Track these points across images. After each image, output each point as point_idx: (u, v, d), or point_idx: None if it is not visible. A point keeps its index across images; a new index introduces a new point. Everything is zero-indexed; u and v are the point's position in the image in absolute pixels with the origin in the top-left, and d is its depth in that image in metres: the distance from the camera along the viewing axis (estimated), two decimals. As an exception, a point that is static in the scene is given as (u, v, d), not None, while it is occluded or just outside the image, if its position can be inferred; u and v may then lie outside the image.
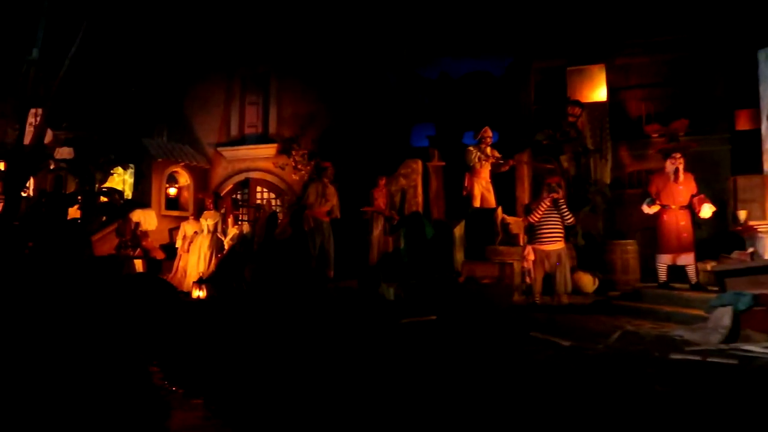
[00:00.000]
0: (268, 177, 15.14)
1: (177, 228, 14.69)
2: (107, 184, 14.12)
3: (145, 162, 14.50)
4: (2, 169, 17.04)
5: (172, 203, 15.13)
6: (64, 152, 15.94)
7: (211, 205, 11.82)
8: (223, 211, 11.94)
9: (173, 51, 15.80)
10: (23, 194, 16.23)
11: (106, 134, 15.32)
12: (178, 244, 12.57)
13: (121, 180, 15.80)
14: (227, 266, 10.96)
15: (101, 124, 15.55)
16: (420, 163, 12.28)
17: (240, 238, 11.35)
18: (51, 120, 10.39)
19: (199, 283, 10.60)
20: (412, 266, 10.19)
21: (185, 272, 12.13)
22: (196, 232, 12.08)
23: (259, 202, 14.17)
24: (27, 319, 9.84)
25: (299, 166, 14.13)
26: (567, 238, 8.91)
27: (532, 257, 8.40)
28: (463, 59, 15.02)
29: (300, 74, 15.29)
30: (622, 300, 8.72)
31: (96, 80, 15.52)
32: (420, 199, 11.94)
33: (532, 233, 8.55)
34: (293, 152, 14.25)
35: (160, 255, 13.90)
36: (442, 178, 12.95)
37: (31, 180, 16.76)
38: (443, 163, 12.68)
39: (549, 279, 8.60)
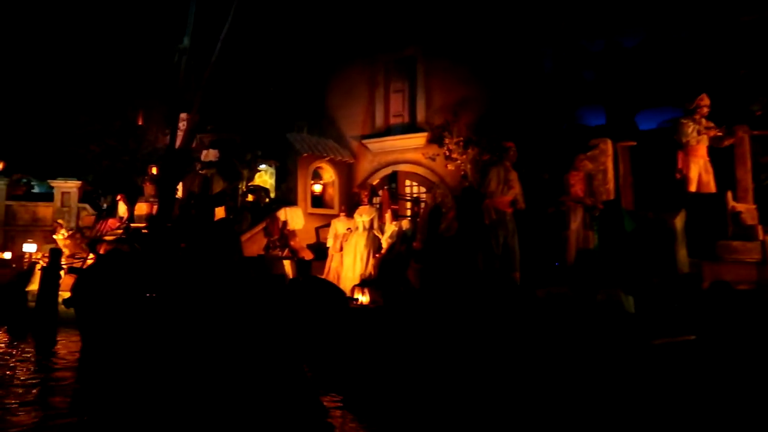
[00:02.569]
0: (418, 169, 13.81)
1: (325, 226, 13.84)
2: (253, 183, 13.60)
3: (291, 158, 13.80)
4: (155, 173, 17.44)
5: (317, 201, 14.32)
6: (210, 154, 15.77)
7: (366, 200, 10.65)
8: (378, 205, 10.73)
9: (313, 44, 15.05)
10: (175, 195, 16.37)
11: (249, 133, 14.92)
12: (329, 243, 11.61)
13: (262, 182, 15.33)
14: (389, 268, 9.70)
15: (244, 122, 15.19)
16: (609, 143, 10.23)
17: (400, 236, 10.05)
18: (202, 111, 9.76)
19: (362, 286, 9.48)
20: (612, 267, 8.26)
21: (338, 273, 11.11)
22: (349, 230, 11.00)
23: (416, 195, 12.84)
24: (183, 321, 9.29)
25: (454, 155, 12.63)
26: None
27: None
28: (636, 25, 12.74)
29: (449, 55, 13.81)
30: None
31: (237, 81, 15.22)
32: (611, 185, 9.90)
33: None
34: (446, 140, 12.79)
35: (308, 255, 13.08)
36: (629, 160, 10.83)
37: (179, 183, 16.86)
38: (634, 143, 10.54)
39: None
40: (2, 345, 10.36)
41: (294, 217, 13.15)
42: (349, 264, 10.30)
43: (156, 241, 11.60)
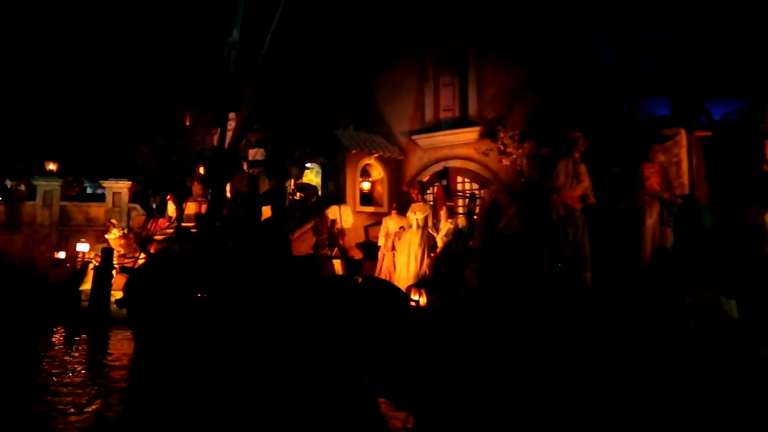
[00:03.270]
0: (470, 165, 13.29)
1: (374, 225, 13.49)
2: (301, 180, 13.35)
3: (339, 155, 13.48)
4: (202, 172, 17.45)
5: (365, 198, 13.97)
6: (257, 153, 15.67)
7: (419, 197, 10.21)
8: (432, 202, 10.28)
9: (360, 39, 14.71)
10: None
11: (295, 130, 14.70)
12: (380, 242, 11.21)
13: (308, 180, 15.08)
14: (445, 268, 9.25)
15: (290, 120, 14.97)
16: (684, 133, 9.51)
17: (455, 234, 9.58)
18: (253, 105, 9.51)
19: (418, 287, 9.05)
20: (690, 267, 7.58)
21: (390, 273, 10.70)
22: (402, 228, 10.58)
23: (471, 191, 12.31)
24: (236, 321, 9.09)
25: (509, 150, 12.05)
26: None
27: None
28: (702, 11, 11.90)
29: (501, 46, 13.24)
30: None
31: (282, 78, 15.01)
32: (685, 179, 9.21)
33: None
34: (500, 134, 12.22)
35: (357, 254, 12.75)
36: (702, 151, 10.07)
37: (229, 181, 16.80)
38: (709, 133, 9.78)
39: None
40: (57, 345, 10.41)
41: (343, 216, 12.83)
42: (403, 263, 9.88)
43: (205, 241, 11.48)
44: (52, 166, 16.60)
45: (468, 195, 11.14)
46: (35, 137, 18.77)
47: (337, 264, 12.11)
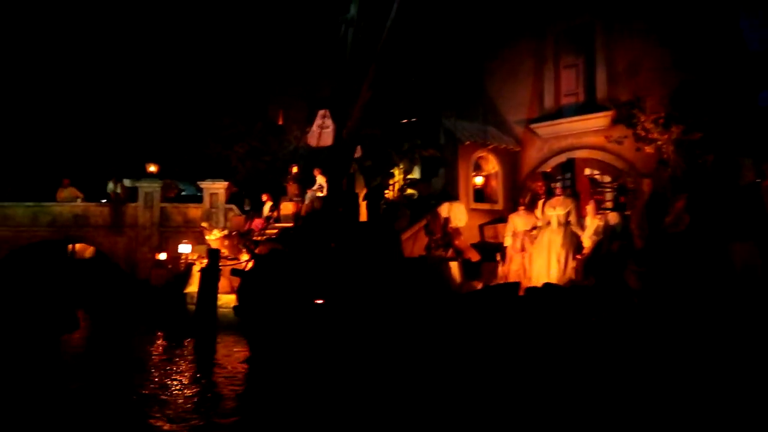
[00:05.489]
0: (599, 155, 11.80)
1: (489, 223, 12.30)
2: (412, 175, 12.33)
3: (449, 147, 12.36)
4: (295, 171, 16.87)
5: (478, 194, 12.76)
6: (356, 150, 14.83)
7: (561, 192, 8.89)
8: (573, 196, 8.93)
9: (468, 25, 13.50)
10: (320, 194, 15.61)
11: (398, 122, 13.70)
12: (507, 242, 10.00)
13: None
14: (597, 271, 7.90)
15: (388, 113, 13.98)
16: None
17: (608, 232, 8.20)
18: (379, 84, 8.54)
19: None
20: None
21: (520, 277, 9.46)
22: (535, 228, 9.32)
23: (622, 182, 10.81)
24: (356, 330, 8.19)
25: (652, 135, 10.49)
26: None
27: None
28: None
29: (634, 20, 11.70)
30: None
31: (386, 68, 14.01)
32: None
33: None
34: (641, 118, 10.68)
35: (475, 256, 11.59)
36: None
37: (322, 178, 16.12)
38: None
39: None
40: (160, 350, 9.94)
41: (457, 214, 11.68)
42: (542, 266, 8.61)
43: (306, 242, 10.71)
44: (152, 168, 16.57)
45: (618, 187, 9.71)
46: (135, 139, 18.94)
47: (454, 267, 10.97)
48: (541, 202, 9.81)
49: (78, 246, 17.78)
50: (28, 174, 17.60)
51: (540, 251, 8.73)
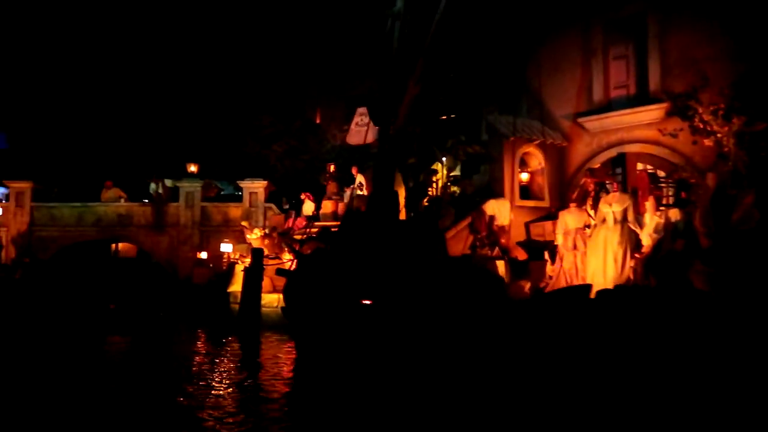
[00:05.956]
0: (652, 149, 11.30)
1: (536, 221, 11.94)
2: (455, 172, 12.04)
3: (494, 143, 12.02)
4: (333, 170, 16.76)
5: (523, 191, 12.38)
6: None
7: (618, 188, 8.49)
8: (630, 192, 8.53)
9: (512, 15, 13.11)
10: (360, 192, 15.44)
11: (437, 117, 13.41)
12: (558, 240, 9.64)
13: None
14: (659, 271, 7.50)
15: (427, 109, 13.69)
16: None
17: (669, 230, 7.78)
18: (427, 79, 8.31)
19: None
20: None
21: (571, 277, 9.12)
22: (588, 226, 8.95)
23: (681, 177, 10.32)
24: (406, 333, 7.98)
25: (711, 127, 9.96)
26: None
27: None
28: None
29: (690, 9, 11.16)
30: None
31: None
32: None
33: None
34: (699, 110, 10.15)
35: (521, 255, 11.25)
36: None
37: (361, 177, 15.96)
38: None
39: None
40: (205, 349, 9.90)
41: (502, 211, 11.38)
42: (598, 265, 8.23)
43: (349, 241, 10.54)
44: (193, 168, 16.68)
45: (677, 181, 9.24)
46: (176, 140, 19.12)
47: (500, 266, 10.68)
48: (590, 199, 9.44)
49: (122, 245, 18.09)
50: (73, 176, 17.95)
51: (595, 250, 8.35)
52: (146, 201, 16.36)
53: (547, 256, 10.55)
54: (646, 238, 8.04)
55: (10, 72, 19.72)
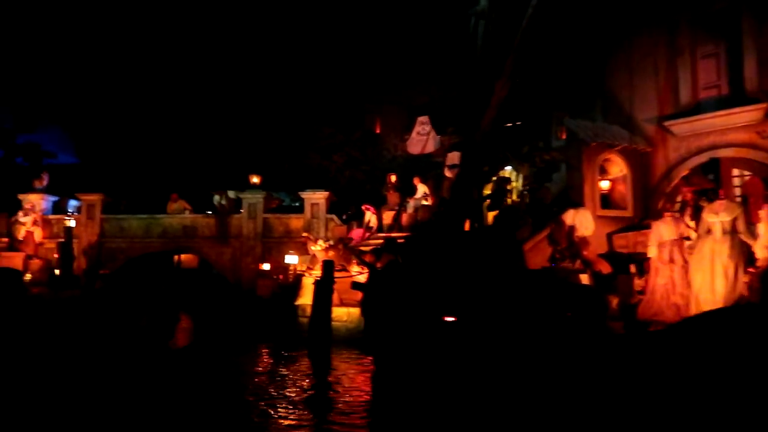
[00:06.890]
0: (750, 153, 10.44)
1: (618, 231, 11.21)
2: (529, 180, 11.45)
3: (572, 149, 11.40)
4: (393, 181, 16.42)
5: (604, 200, 11.68)
6: (455, 157, 14.15)
7: (724, 195, 7.76)
8: (727, 200, 7.77)
9: (591, 14, 12.47)
10: (425, 202, 15.03)
11: (505, 127, 12.87)
12: (652, 252, 8.89)
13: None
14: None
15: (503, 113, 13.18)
16: None
17: (789, 241, 7.01)
18: (516, 79, 7.86)
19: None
20: None
21: (668, 292, 8.38)
22: (686, 238, 8.22)
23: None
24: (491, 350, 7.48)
25: (822, 129, 9.09)
26: None
27: None
28: None
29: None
30: None
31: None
32: None
33: None
34: (805, 109, 9.29)
35: (606, 268, 10.55)
36: None
37: (425, 187, 15.57)
38: None
39: None
40: (273, 363, 9.64)
41: (583, 221, 10.70)
42: (705, 281, 7.48)
43: (418, 253, 10.11)
44: (255, 179, 16.66)
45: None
46: (239, 151, 19.26)
47: (584, 279, 10.01)
48: (690, 208, 8.70)
49: (183, 256, 18.26)
50: (141, 189, 18.29)
51: (701, 264, 7.60)
52: (210, 213, 16.44)
53: (633, 268, 9.82)
54: (761, 251, 7.26)
55: (81, 89, 20.39)
